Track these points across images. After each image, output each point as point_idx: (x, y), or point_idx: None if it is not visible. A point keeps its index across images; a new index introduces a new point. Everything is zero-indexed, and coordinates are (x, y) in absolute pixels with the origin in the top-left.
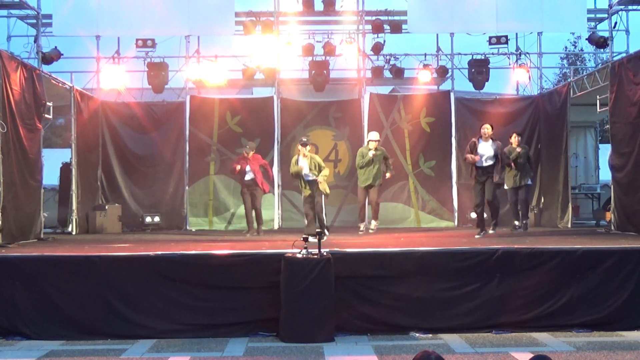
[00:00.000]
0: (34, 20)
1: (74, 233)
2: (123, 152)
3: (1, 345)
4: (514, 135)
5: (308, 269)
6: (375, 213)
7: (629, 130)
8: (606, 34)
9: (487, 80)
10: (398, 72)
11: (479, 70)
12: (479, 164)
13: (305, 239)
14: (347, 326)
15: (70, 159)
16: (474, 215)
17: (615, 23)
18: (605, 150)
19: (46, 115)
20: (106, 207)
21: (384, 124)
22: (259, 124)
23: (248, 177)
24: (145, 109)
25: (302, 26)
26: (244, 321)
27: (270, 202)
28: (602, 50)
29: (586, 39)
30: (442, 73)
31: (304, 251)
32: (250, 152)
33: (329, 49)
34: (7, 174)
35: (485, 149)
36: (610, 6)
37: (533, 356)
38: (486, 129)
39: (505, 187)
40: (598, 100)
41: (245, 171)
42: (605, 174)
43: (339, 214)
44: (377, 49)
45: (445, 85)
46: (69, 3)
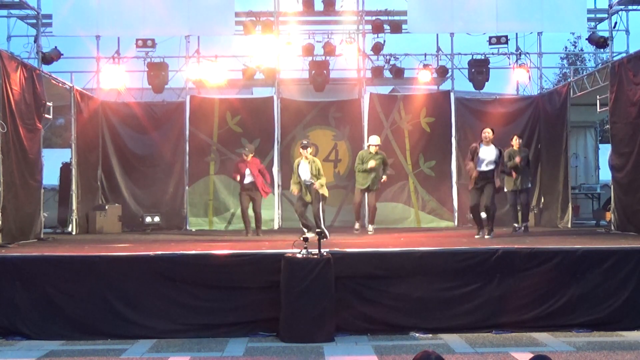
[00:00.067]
0: (34, 20)
1: (74, 233)
2: (123, 152)
3: (1, 345)
4: (515, 137)
5: (308, 269)
6: (372, 217)
7: (629, 130)
8: (606, 34)
9: (487, 80)
10: (398, 72)
11: (479, 70)
12: (480, 168)
13: (305, 239)
14: (347, 326)
15: (70, 159)
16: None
17: (615, 23)
18: (605, 150)
19: (46, 115)
20: (106, 207)
21: (384, 124)
22: (259, 124)
23: (247, 181)
24: (145, 109)
25: (302, 26)
26: (244, 321)
27: (270, 202)
28: (602, 50)
29: (586, 39)
30: (442, 73)
31: (304, 251)
32: (250, 155)
33: (329, 49)
34: (7, 174)
35: (487, 154)
36: (610, 6)
37: (533, 356)
38: (487, 133)
39: (505, 190)
40: (598, 100)
41: (244, 174)
42: (605, 174)
43: (339, 214)
44: (377, 49)
45: (445, 85)
46: (69, 3)
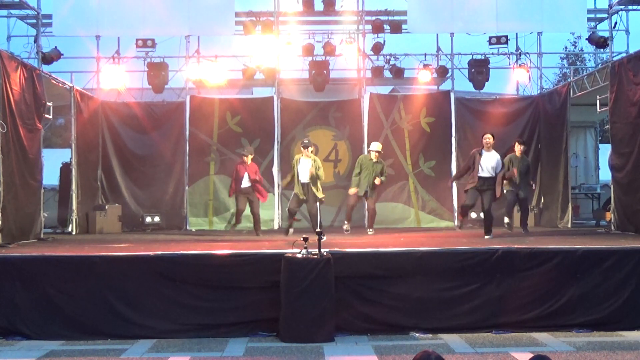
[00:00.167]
0: (34, 20)
1: (74, 233)
2: (123, 152)
3: (1, 345)
4: (517, 144)
5: (308, 269)
6: (371, 221)
7: (629, 130)
8: (606, 34)
9: (487, 80)
10: (398, 72)
11: (479, 70)
12: (481, 174)
13: (305, 239)
14: (347, 326)
15: (70, 159)
16: (474, 215)
17: (615, 23)
18: (605, 150)
19: (46, 115)
20: (106, 207)
21: (384, 124)
22: (259, 124)
23: (245, 185)
24: (145, 109)
25: (302, 26)
26: (244, 321)
27: (270, 202)
28: (602, 50)
29: (586, 39)
30: (442, 73)
31: (304, 251)
32: (250, 157)
33: (329, 49)
34: (7, 174)
35: (488, 160)
36: (610, 6)
37: (533, 356)
38: (488, 139)
39: (505, 191)
40: (598, 100)
41: (242, 178)
42: (605, 174)
43: (338, 214)
44: (377, 49)
45: (445, 85)
46: (69, 3)
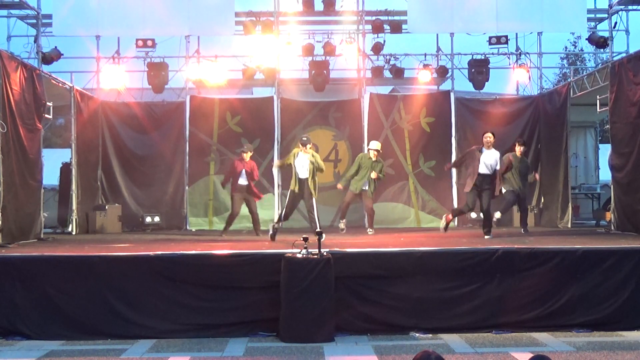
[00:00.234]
0: (34, 20)
1: (74, 233)
2: (123, 152)
3: (1, 345)
4: (517, 144)
5: (308, 269)
6: (370, 221)
7: (629, 130)
8: (606, 34)
9: (487, 80)
10: (398, 72)
11: (479, 70)
12: (481, 171)
13: (305, 239)
14: (347, 326)
15: (70, 159)
16: (474, 215)
17: (615, 23)
18: (605, 150)
19: (46, 115)
20: (106, 207)
21: (384, 124)
22: (259, 124)
23: (242, 182)
24: (145, 109)
25: (302, 26)
26: (244, 321)
27: (270, 202)
28: (602, 50)
29: (586, 39)
30: (442, 73)
31: (304, 251)
32: (249, 154)
33: (329, 49)
34: (7, 174)
35: (488, 158)
36: (610, 6)
37: (533, 356)
38: (489, 137)
39: (504, 190)
40: (598, 100)
41: (239, 175)
42: (605, 174)
43: (338, 213)
44: (377, 49)
45: (445, 85)
46: (69, 3)
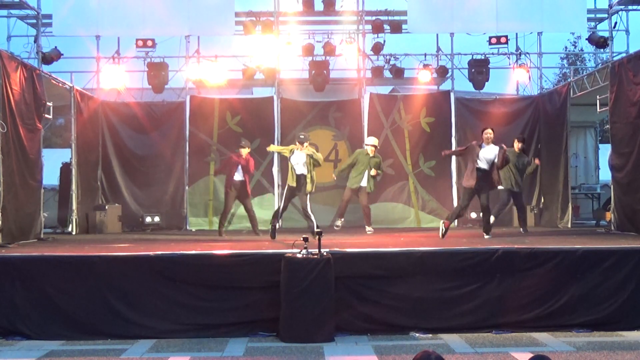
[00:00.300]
0: (34, 20)
1: (74, 233)
2: (123, 152)
3: (1, 345)
4: (516, 141)
5: (308, 269)
6: (367, 218)
7: (629, 130)
8: (606, 34)
9: (487, 80)
10: (398, 72)
11: (479, 70)
12: (481, 166)
13: (306, 239)
14: (347, 326)
15: (70, 159)
16: (474, 215)
17: (615, 23)
18: (605, 150)
19: (46, 115)
20: (106, 207)
21: (384, 124)
22: (259, 124)
23: (238, 178)
24: (145, 109)
25: (302, 26)
26: (244, 321)
27: (270, 202)
28: (602, 50)
29: (586, 39)
30: (442, 73)
31: (304, 251)
32: (246, 150)
33: (329, 49)
34: (7, 174)
35: (488, 153)
36: (610, 6)
37: (533, 356)
38: (489, 133)
39: (500, 187)
40: (598, 100)
41: (236, 170)
42: (605, 174)
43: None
44: (377, 49)
45: (445, 85)
46: (69, 3)
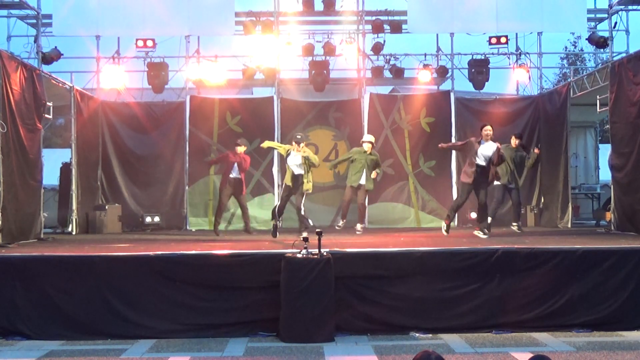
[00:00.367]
0: (34, 20)
1: (74, 233)
2: (123, 152)
3: (1, 345)
4: (513, 137)
5: (308, 269)
6: (361, 216)
7: (629, 130)
8: (606, 34)
9: (487, 80)
10: (398, 72)
11: (479, 70)
12: (479, 162)
13: (306, 239)
14: (347, 326)
15: (70, 159)
16: (474, 214)
17: (615, 23)
18: (605, 150)
19: (46, 115)
20: (106, 207)
21: (384, 124)
22: (259, 124)
23: (234, 175)
24: (145, 109)
25: (302, 26)
26: (244, 321)
27: (270, 202)
28: (602, 50)
29: (586, 39)
30: (442, 73)
31: (304, 251)
32: (243, 148)
33: (329, 49)
34: (7, 174)
35: (486, 150)
36: (610, 6)
37: (533, 356)
38: (489, 130)
39: (496, 183)
40: (598, 100)
41: (232, 167)
42: (605, 174)
43: (338, 213)
44: (377, 49)
45: (445, 85)
46: (69, 3)
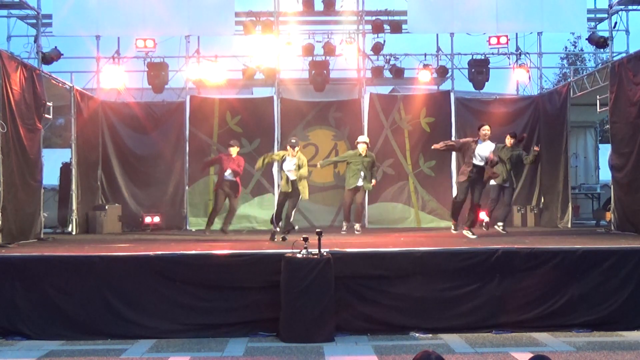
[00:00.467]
0: (34, 20)
1: (74, 233)
2: (123, 152)
3: (1, 345)
4: (508, 136)
5: (308, 269)
6: (358, 216)
7: (629, 130)
8: (606, 34)
9: (487, 80)
10: (398, 72)
11: (479, 70)
12: (475, 162)
13: (305, 239)
14: (347, 326)
15: (70, 159)
16: (483, 214)
17: (615, 23)
18: (605, 150)
19: (46, 115)
20: (106, 207)
21: (384, 124)
22: (259, 124)
23: (228, 177)
24: (145, 109)
25: (302, 26)
26: (244, 321)
27: (271, 202)
28: (602, 50)
29: (586, 39)
30: (442, 73)
31: (304, 251)
32: (236, 149)
33: (329, 49)
34: (7, 174)
35: (484, 150)
36: (610, 6)
37: (533, 356)
38: (487, 130)
39: (492, 182)
40: (598, 100)
41: (225, 170)
42: (605, 174)
43: (338, 214)
44: (377, 49)
45: (445, 85)
46: (69, 3)
